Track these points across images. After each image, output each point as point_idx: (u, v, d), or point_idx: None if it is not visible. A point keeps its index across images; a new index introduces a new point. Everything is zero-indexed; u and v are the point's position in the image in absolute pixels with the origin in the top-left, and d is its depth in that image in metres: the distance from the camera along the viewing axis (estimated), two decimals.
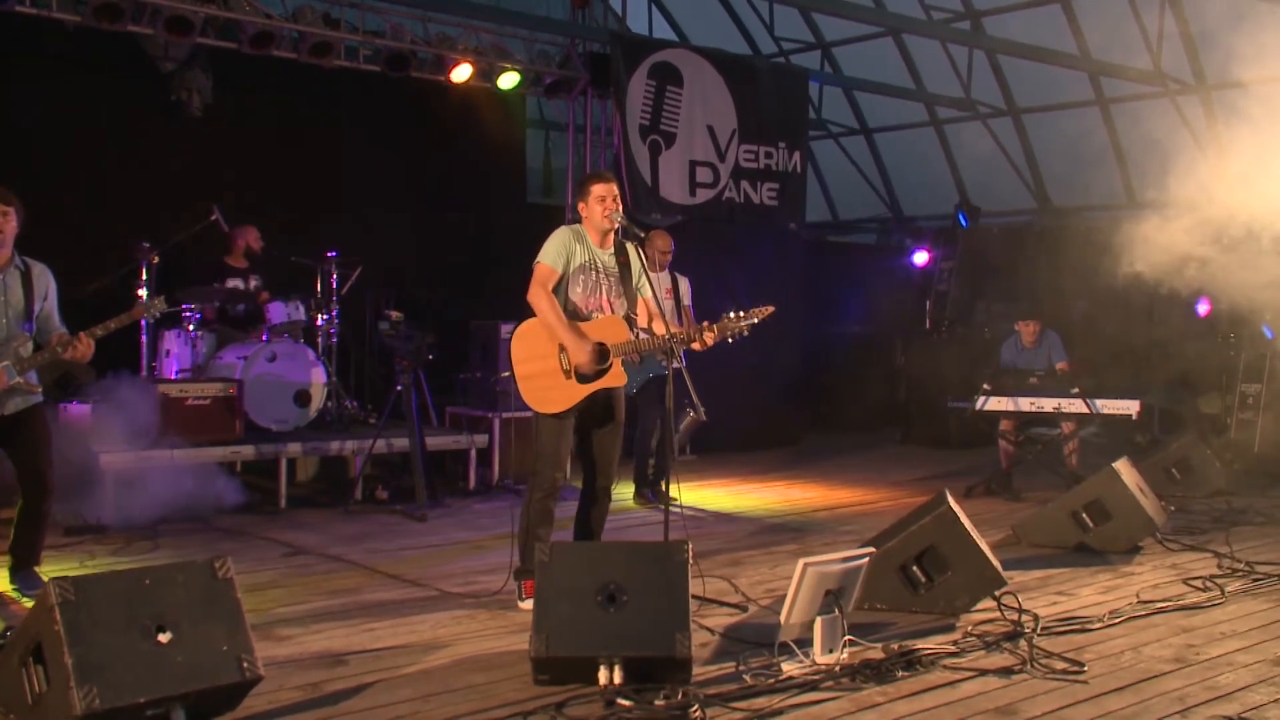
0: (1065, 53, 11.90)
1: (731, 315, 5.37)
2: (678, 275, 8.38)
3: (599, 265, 5.43)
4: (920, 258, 12.96)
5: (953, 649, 4.61)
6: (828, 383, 12.56)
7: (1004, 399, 8.52)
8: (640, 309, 5.54)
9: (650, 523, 7.60)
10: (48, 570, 5.32)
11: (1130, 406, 8.34)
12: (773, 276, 11.15)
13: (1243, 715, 3.93)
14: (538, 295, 5.27)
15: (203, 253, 8.61)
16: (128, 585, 3.62)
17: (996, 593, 5.20)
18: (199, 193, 8.85)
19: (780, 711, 3.89)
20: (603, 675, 3.98)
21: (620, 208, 5.42)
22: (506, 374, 6.21)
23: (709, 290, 10.73)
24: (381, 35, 9.38)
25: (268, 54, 8.86)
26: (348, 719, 3.75)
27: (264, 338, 8.12)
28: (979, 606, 5.20)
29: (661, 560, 4.16)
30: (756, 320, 5.35)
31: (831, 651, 4.41)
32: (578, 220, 5.52)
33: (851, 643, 4.48)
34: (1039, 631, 4.87)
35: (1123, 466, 6.66)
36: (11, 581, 5.27)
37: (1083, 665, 4.43)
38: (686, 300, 8.29)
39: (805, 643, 4.42)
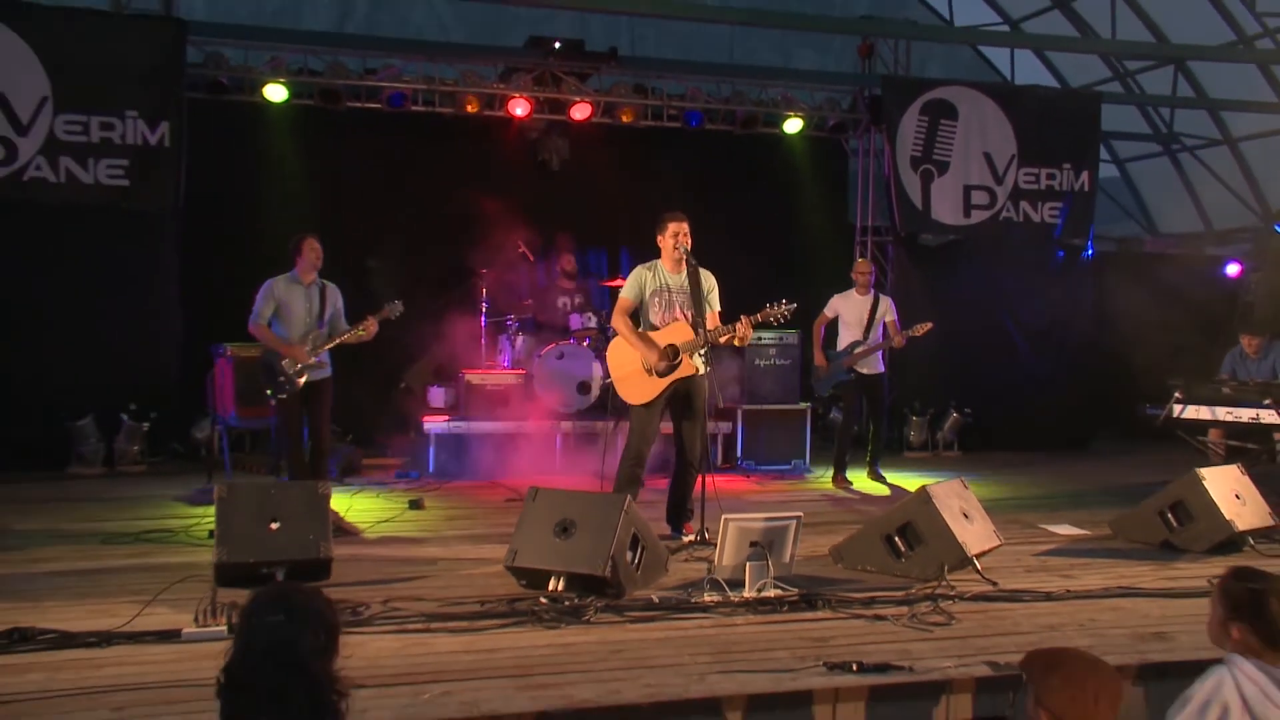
0: None
1: (771, 305, 6.35)
2: (880, 296, 9.04)
3: (670, 288, 6.60)
4: (1233, 269, 12.03)
5: (865, 598, 5.29)
6: (1140, 389, 12.07)
7: (1200, 407, 8.22)
8: (711, 318, 6.61)
9: (816, 498, 8.55)
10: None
11: None
12: (1051, 289, 11.20)
13: (1008, 661, 4.33)
14: (617, 321, 6.59)
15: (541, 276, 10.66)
16: (261, 492, 5.54)
17: (973, 563, 5.73)
18: (553, 230, 10.89)
19: (652, 620, 4.94)
20: (551, 584, 5.27)
21: (689, 241, 6.55)
22: (608, 379, 7.42)
23: (983, 302, 11.11)
24: (682, 97, 10.92)
25: (589, 121, 10.74)
26: (385, 588, 5.35)
27: (571, 341, 9.98)
28: (959, 575, 5.72)
29: (606, 508, 5.35)
30: (784, 315, 6.33)
31: (760, 591, 5.33)
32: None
33: (778, 584, 5.35)
34: (967, 597, 5.37)
35: (1211, 471, 6.56)
36: None
37: (951, 621, 4.96)
38: (891, 317, 8.91)
39: (739, 583, 5.37)
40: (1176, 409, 8.28)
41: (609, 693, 4.02)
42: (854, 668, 4.28)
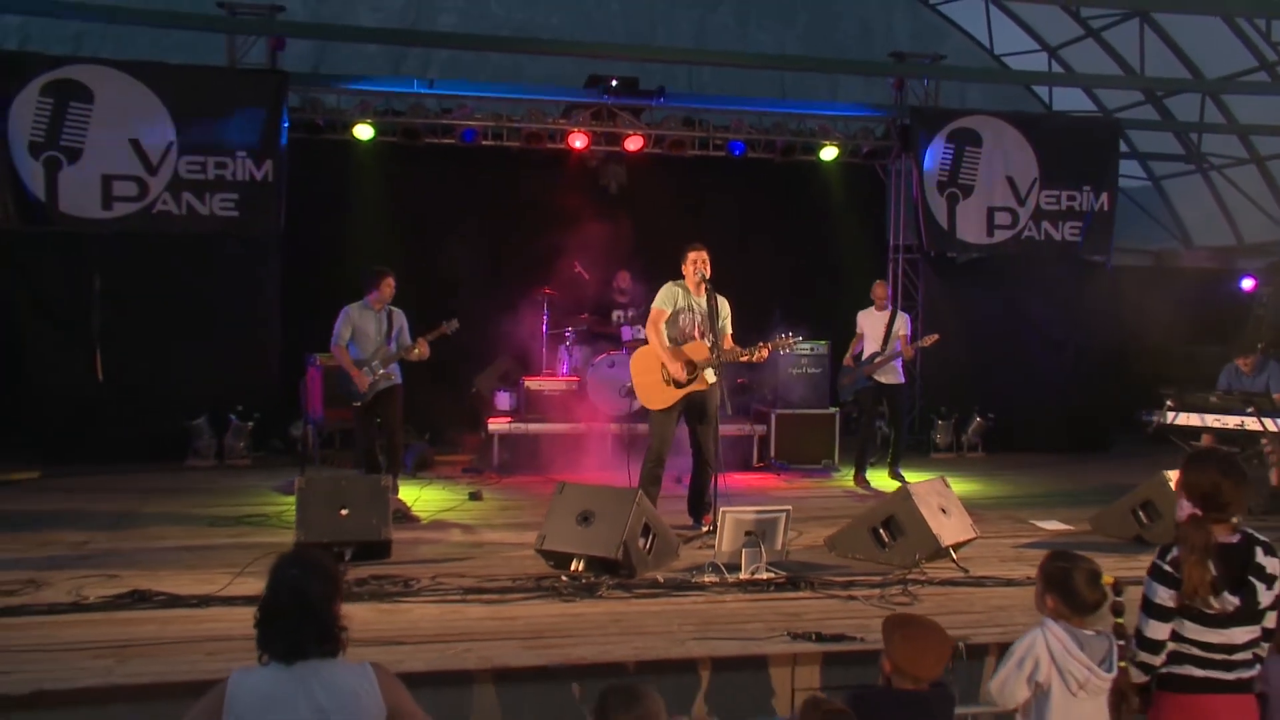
0: None
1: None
2: (900, 313, 9.48)
3: (693, 307, 7.19)
4: (1248, 283, 12.16)
5: (845, 580, 5.83)
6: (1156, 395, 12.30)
7: (1190, 415, 8.52)
8: (725, 339, 7.18)
9: (836, 495, 9.05)
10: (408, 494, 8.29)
11: None
12: (1071, 301, 11.51)
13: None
14: (650, 330, 7.19)
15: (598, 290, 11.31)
16: (334, 483, 6.30)
17: (949, 552, 6.23)
18: (609, 249, 11.52)
19: (655, 596, 5.56)
20: (573, 565, 5.92)
21: (708, 269, 7.13)
22: (629, 385, 7.94)
23: (1007, 313, 11.49)
24: (727, 128, 11.50)
25: (642, 152, 11.38)
26: (434, 566, 6.06)
27: (623, 351, 10.62)
28: (938, 563, 6.24)
29: (620, 500, 5.98)
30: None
31: (753, 574, 5.91)
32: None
33: (770, 568, 5.92)
34: (936, 582, 5.88)
35: (1177, 474, 6.90)
36: None
37: (914, 601, 5.48)
38: (904, 332, 9.34)
39: (736, 566, 5.95)
40: (1169, 416, 8.59)
41: (602, 653, 4.66)
42: (813, 637, 4.86)
